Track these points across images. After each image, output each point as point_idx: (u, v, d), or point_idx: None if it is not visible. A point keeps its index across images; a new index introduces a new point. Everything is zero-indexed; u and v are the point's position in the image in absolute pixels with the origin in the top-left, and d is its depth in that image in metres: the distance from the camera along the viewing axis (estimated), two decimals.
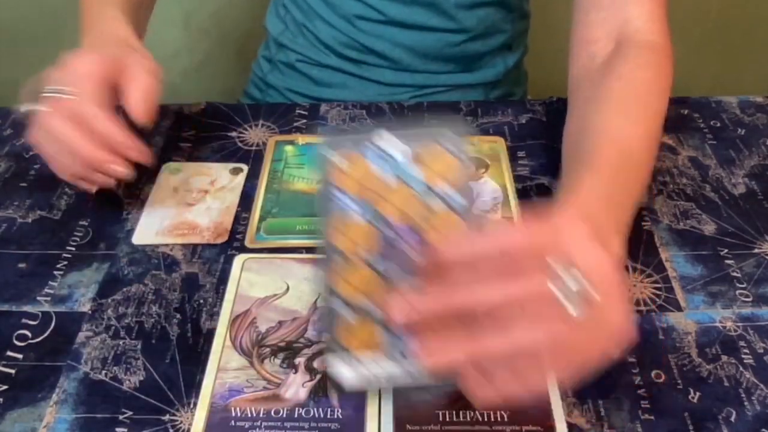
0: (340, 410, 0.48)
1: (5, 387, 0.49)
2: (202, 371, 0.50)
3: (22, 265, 0.58)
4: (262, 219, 0.62)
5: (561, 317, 0.37)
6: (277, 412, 0.48)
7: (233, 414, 0.48)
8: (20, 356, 0.52)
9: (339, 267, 0.37)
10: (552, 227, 0.40)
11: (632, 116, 0.56)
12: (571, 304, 0.37)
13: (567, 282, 0.37)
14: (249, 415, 0.47)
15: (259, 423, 0.47)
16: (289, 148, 0.70)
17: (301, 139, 0.71)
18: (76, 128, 0.56)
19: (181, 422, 0.47)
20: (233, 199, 0.64)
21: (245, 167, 0.67)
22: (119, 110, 0.59)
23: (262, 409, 0.48)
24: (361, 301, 0.38)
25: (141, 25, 0.73)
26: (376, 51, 0.84)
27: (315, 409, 0.48)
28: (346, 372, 0.39)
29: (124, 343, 0.52)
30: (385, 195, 0.36)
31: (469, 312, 0.38)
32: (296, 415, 0.47)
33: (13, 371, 0.51)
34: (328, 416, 0.47)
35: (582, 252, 0.38)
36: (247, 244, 0.60)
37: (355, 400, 0.48)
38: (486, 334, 0.38)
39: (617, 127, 0.54)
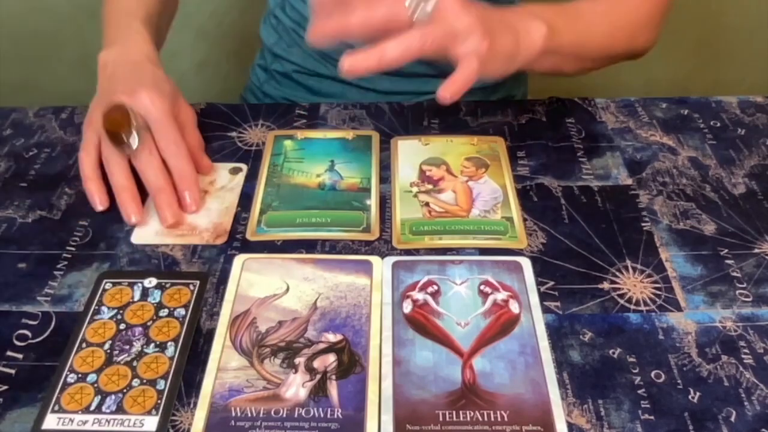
0: (340, 410, 0.48)
1: (5, 387, 0.49)
2: (202, 371, 0.50)
3: (22, 265, 0.58)
4: (262, 212, 0.62)
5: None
6: (277, 412, 0.48)
7: (233, 414, 0.48)
8: (20, 356, 0.52)
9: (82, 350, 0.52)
10: None
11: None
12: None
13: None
14: (249, 415, 0.47)
15: (259, 423, 0.47)
16: (288, 142, 0.70)
17: (300, 133, 0.71)
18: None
19: (181, 422, 0.47)
20: (233, 199, 0.64)
21: (245, 167, 0.67)
22: None
23: (262, 409, 0.48)
24: (86, 371, 0.50)
25: (162, 34, 0.78)
26: None
27: (315, 409, 0.48)
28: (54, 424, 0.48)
29: None
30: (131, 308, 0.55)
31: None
32: (296, 415, 0.47)
33: (13, 371, 0.51)
34: (328, 416, 0.47)
35: None
36: (248, 237, 0.60)
37: (355, 400, 0.48)
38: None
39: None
